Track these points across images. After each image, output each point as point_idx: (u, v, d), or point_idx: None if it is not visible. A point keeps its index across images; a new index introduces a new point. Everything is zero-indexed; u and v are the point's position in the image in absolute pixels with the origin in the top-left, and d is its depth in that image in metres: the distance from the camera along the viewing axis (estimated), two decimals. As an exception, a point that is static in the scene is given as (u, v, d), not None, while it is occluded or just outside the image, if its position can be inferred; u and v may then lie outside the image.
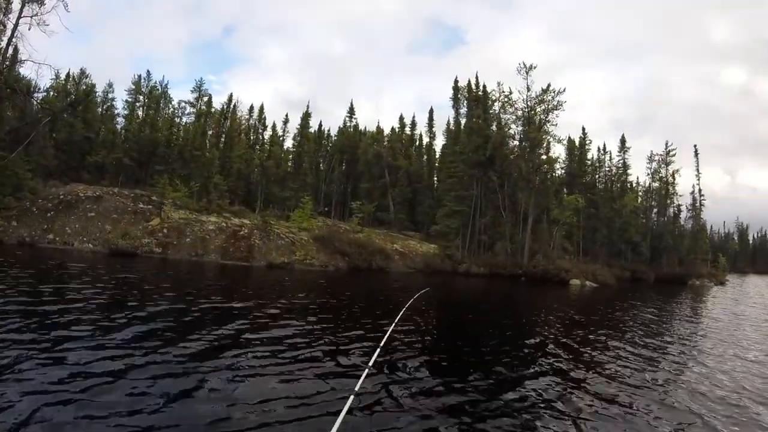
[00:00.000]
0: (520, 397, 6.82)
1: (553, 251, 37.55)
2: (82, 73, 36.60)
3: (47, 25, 32.03)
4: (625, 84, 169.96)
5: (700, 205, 57.22)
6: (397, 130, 54.94)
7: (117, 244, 24.83)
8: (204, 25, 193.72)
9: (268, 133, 51.34)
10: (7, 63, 31.77)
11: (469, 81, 42.42)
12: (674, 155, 54.25)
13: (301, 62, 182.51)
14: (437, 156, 51.35)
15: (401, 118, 55.11)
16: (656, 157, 54.49)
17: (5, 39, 31.70)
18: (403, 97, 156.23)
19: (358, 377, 4.55)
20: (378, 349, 5.85)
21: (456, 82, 45.25)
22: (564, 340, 11.65)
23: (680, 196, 55.64)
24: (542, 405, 6.49)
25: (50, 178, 30.93)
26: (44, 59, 39.29)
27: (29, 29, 32.14)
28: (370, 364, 5.28)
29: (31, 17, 32.16)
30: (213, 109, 42.05)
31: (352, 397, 3.23)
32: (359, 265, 28.81)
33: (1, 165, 27.45)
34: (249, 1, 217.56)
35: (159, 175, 32.33)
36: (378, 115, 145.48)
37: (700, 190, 57.00)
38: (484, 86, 40.81)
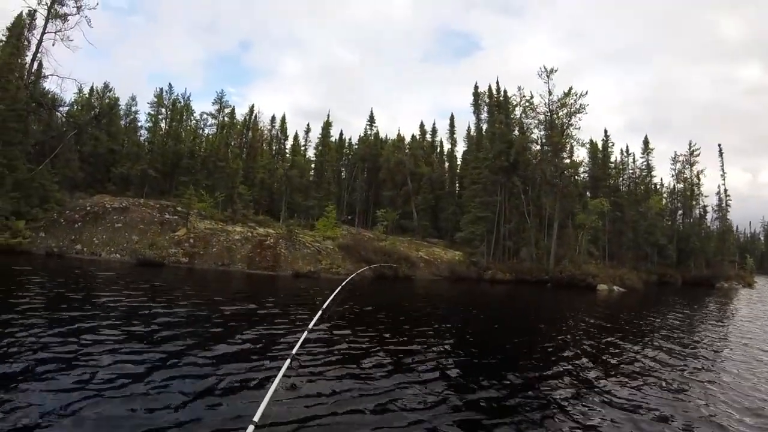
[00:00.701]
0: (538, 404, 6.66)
1: (579, 256, 36.80)
2: (106, 86, 37.24)
3: (71, 40, 32.70)
4: (637, 86, 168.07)
5: (726, 205, 55.83)
6: (417, 137, 54.76)
7: (144, 254, 24.85)
8: (220, 42, 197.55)
9: (289, 143, 51.49)
10: (32, 78, 32.36)
11: (490, 86, 42.14)
12: (698, 155, 53.19)
13: (316, 74, 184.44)
14: (458, 162, 50.87)
15: (421, 125, 55.26)
16: (680, 158, 53.45)
17: (30, 54, 32.45)
18: (418, 106, 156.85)
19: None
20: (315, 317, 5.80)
21: (476, 87, 44.98)
22: (597, 348, 11.27)
23: (705, 196, 54.40)
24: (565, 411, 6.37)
25: (76, 190, 31.22)
26: (69, 74, 40.15)
27: (53, 45, 32.81)
28: (310, 326, 5.42)
29: (55, 33, 32.91)
30: (235, 120, 42.30)
31: (288, 360, 3.43)
32: (385, 273, 28.44)
33: (29, 177, 27.82)
34: (262, 18, 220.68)
35: (183, 186, 32.52)
36: (394, 123, 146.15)
37: (725, 190, 55.62)
38: (505, 91, 40.46)
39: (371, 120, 55.39)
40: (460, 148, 53.25)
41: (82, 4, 33.17)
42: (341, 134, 57.06)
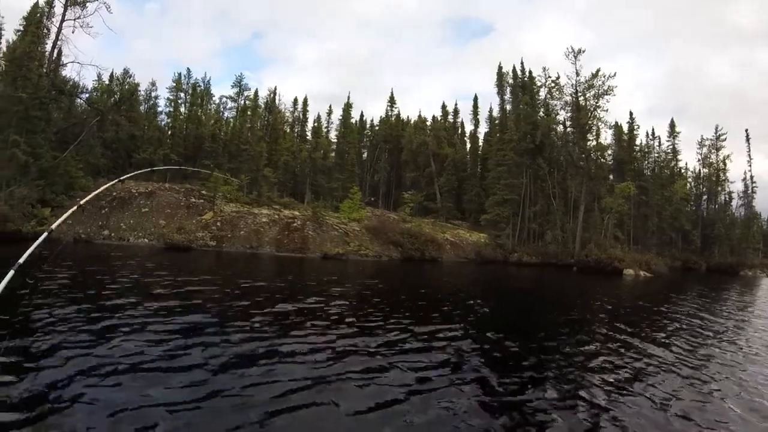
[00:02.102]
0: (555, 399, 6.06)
1: (605, 240, 36.15)
2: (126, 72, 37.17)
3: (91, 27, 32.59)
4: (657, 70, 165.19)
5: (752, 192, 54.42)
6: (438, 118, 54.07)
7: (172, 238, 24.70)
8: (234, 30, 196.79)
9: (309, 125, 51.46)
10: (53, 65, 32.29)
11: (514, 67, 41.36)
12: (725, 140, 51.96)
13: (330, 60, 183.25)
14: (480, 144, 50.18)
15: (443, 106, 54.31)
16: (706, 142, 52.23)
17: (49, 42, 32.37)
18: (435, 89, 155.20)
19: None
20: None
21: (500, 68, 44.02)
22: (631, 335, 10.39)
23: (731, 182, 53.17)
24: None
25: (99, 176, 31.17)
26: (90, 60, 40.29)
27: (73, 32, 32.72)
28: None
29: (74, 20, 32.80)
30: (258, 103, 42.09)
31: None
32: (412, 255, 28.17)
33: (53, 165, 27.81)
34: (275, 5, 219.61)
35: (207, 170, 32.36)
36: (410, 107, 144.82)
37: (752, 177, 54.14)
38: (530, 72, 39.66)
39: (392, 101, 54.83)
40: (482, 130, 52.71)
41: (100, -9, 33.10)
42: (362, 116, 56.76)
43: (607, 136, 43.29)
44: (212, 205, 27.40)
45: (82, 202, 4.78)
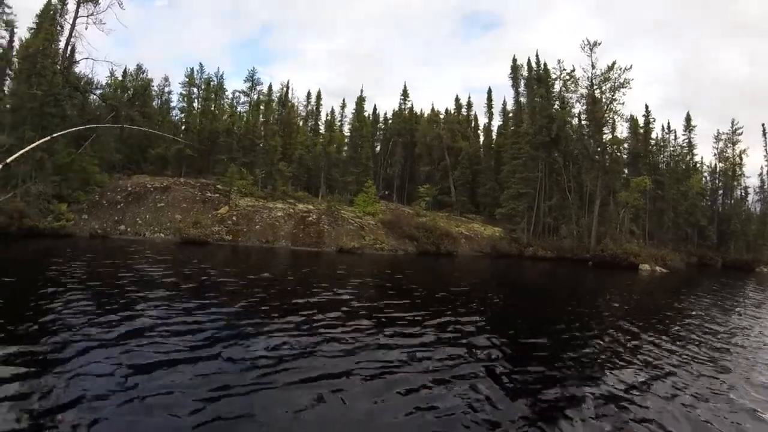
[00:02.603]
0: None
1: (620, 235, 35.73)
2: (139, 68, 37.21)
3: (104, 23, 32.72)
4: (667, 62, 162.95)
5: (768, 187, 53.60)
6: (452, 111, 53.57)
7: (189, 233, 24.66)
8: (242, 25, 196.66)
9: (322, 119, 51.19)
10: (66, 62, 32.39)
11: (529, 60, 40.72)
12: (741, 134, 51.08)
13: (339, 54, 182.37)
14: (494, 137, 49.80)
15: (457, 99, 53.85)
16: (722, 136, 51.43)
17: (63, 39, 32.48)
18: (446, 82, 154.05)
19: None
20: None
21: (514, 61, 43.37)
22: (652, 333, 10.09)
23: (747, 177, 52.35)
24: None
25: (113, 172, 31.27)
26: (104, 57, 40.47)
27: (86, 28, 32.88)
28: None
29: (87, 16, 32.93)
30: (272, 98, 42.01)
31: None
32: (428, 249, 28.00)
33: (68, 161, 27.90)
34: (283, 1, 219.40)
35: (220, 164, 32.38)
36: (423, 99, 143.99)
37: (768, 172, 53.29)
38: (545, 64, 39.19)
39: (405, 94, 54.26)
40: (495, 123, 52.33)
41: (113, -13, 33.18)
42: (374, 109, 56.37)
43: (623, 130, 42.84)
44: (228, 199, 27.36)
45: (9, 160, 4.66)
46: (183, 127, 39.06)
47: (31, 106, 26.00)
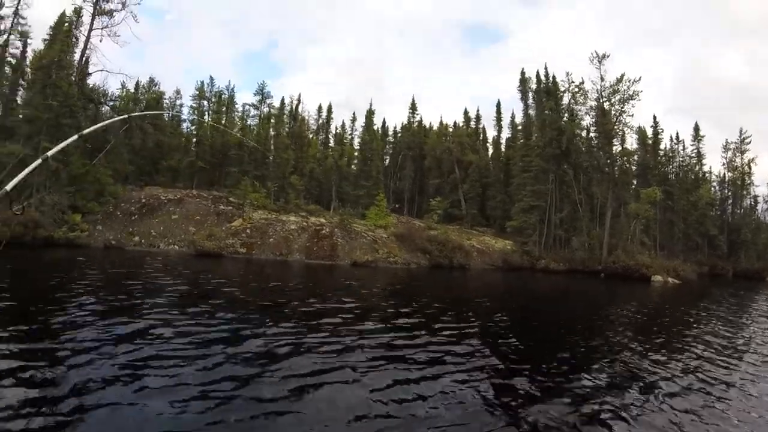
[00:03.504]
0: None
1: (632, 246, 35.61)
2: (151, 81, 37.62)
3: (118, 36, 32.97)
4: (669, 67, 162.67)
5: (777, 196, 53.37)
6: (460, 124, 53.95)
7: (203, 245, 24.73)
8: (248, 39, 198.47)
9: (331, 133, 51.78)
10: (79, 74, 32.64)
11: (537, 72, 40.80)
12: (749, 143, 51.02)
13: (344, 67, 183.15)
14: (502, 149, 49.87)
15: (465, 112, 54.09)
16: (731, 146, 51.36)
17: (77, 51, 32.76)
18: (452, 93, 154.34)
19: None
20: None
21: (522, 74, 43.54)
22: (668, 346, 10.03)
23: (756, 186, 52.18)
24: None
25: (126, 183, 31.46)
26: (119, 69, 40.85)
27: (100, 41, 33.13)
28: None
29: (102, 29, 33.20)
30: (284, 111, 42.24)
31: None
32: (440, 262, 28.00)
33: (83, 172, 28.08)
34: (288, 15, 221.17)
35: (232, 177, 32.53)
36: (430, 112, 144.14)
37: (776, 181, 53.06)
38: (554, 77, 39.25)
39: (413, 108, 54.59)
40: (504, 135, 52.45)
41: (127, 0, 33.51)
42: (384, 123, 56.62)
43: (632, 141, 42.82)
44: (241, 212, 27.45)
45: (8, 188, 4.74)
46: (194, 140, 39.32)
47: (47, 116, 26.19)
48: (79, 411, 4.59)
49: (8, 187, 2.91)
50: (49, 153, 4.61)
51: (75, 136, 4.89)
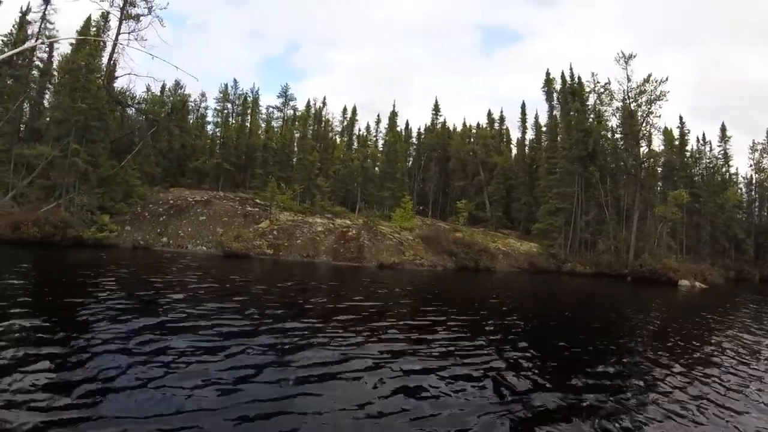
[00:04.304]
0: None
1: (658, 249, 35.03)
2: (177, 84, 38.08)
3: (145, 40, 33.41)
4: (687, 68, 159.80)
5: (804, 197, 51.95)
6: (483, 125, 53.54)
7: (231, 246, 24.85)
8: (268, 44, 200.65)
9: (355, 134, 51.90)
10: (107, 78, 33.13)
11: (563, 73, 40.35)
12: (776, 142, 49.82)
13: (363, 69, 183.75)
14: (526, 151, 49.55)
15: (489, 114, 53.71)
16: (758, 147, 50.26)
17: (105, 55, 33.28)
18: (473, 94, 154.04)
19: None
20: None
21: (548, 74, 43.03)
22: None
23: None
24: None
25: (153, 184, 31.83)
26: (141, 72, 41.46)
27: (128, 44, 33.57)
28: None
29: (128, 33, 33.71)
30: (309, 113, 42.45)
31: None
32: (466, 264, 27.83)
33: (112, 173, 28.49)
34: (307, 19, 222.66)
35: (258, 178, 32.73)
36: (452, 113, 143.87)
37: (806, 181, 51.67)
38: (579, 78, 38.83)
39: (436, 109, 54.41)
40: (528, 137, 52.16)
41: (153, 4, 34.00)
42: (407, 124, 56.29)
43: (659, 143, 42.17)
44: (268, 213, 27.56)
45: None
46: (219, 142, 39.71)
47: (76, 119, 26.52)
48: (100, 393, 5.06)
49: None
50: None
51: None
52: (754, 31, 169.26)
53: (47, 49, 34.53)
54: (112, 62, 33.31)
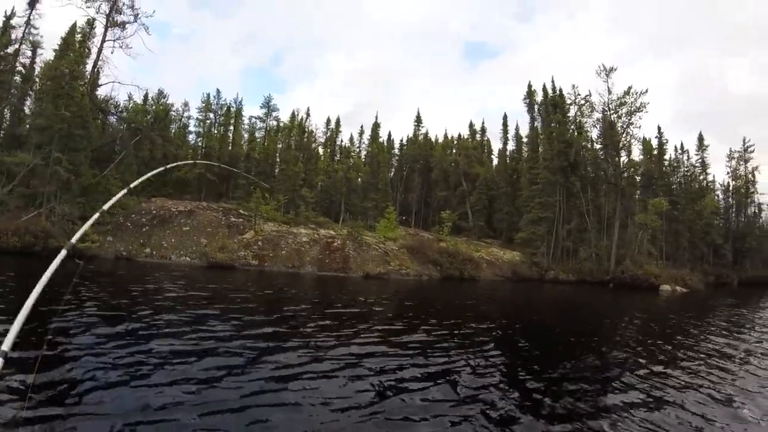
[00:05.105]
0: None
1: (639, 256, 35.78)
2: (161, 93, 37.67)
3: (130, 47, 33.19)
4: (667, 78, 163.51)
5: (783, 203, 53.53)
6: (465, 136, 54.23)
7: (215, 257, 24.74)
8: (254, 54, 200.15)
9: (338, 145, 52.03)
10: (91, 85, 32.78)
11: (544, 85, 41.04)
12: (753, 151, 51.37)
13: (348, 81, 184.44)
14: (507, 161, 50.11)
15: (471, 125, 54.56)
16: (735, 154, 51.69)
17: (89, 62, 32.91)
18: (455, 105, 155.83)
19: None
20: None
21: (529, 86, 43.77)
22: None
23: (761, 194, 52.44)
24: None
25: (134, 194, 31.40)
26: (132, 80, 41.04)
27: (112, 52, 33.37)
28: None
29: (114, 41, 33.47)
30: (290, 123, 42.30)
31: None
32: (451, 274, 28.10)
33: (94, 182, 28.18)
34: (293, 29, 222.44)
35: (240, 189, 32.57)
36: (433, 124, 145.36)
37: (780, 188, 53.31)
38: (560, 90, 39.57)
39: (418, 121, 54.97)
40: (509, 148, 52.70)
41: (139, 12, 33.82)
42: (389, 135, 56.78)
43: (638, 152, 43.12)
44: (252, 224, 27.50)
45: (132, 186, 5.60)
46: (202, 152, 39.46)
47: (59, 126, 26.15)
48: (84, 392, 5.36)
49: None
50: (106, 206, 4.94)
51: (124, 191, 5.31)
52: (735, 42, 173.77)
53: (30, 54, 34.16)
54: (96, 69, 32.98)
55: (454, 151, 50.76)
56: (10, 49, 32.41)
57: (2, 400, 4.81)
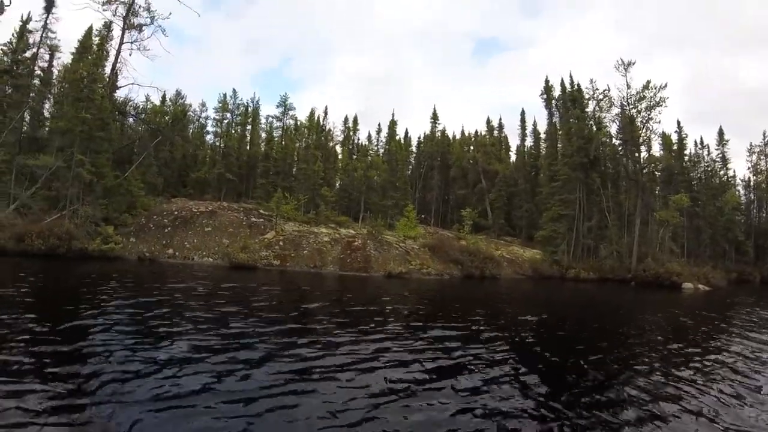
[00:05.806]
0: None
1: (661, 254, 35.25)
2: (178, 94, 38.00)
3: (148, 50, 33.35)
4: (681, 74, 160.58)
5: (803, 198, 52.46)
6: (482, 133, 53.96)
7: (238, 257, 24.78)
8: (267, 54, 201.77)
9: (355, 143, 52.08)
10: (110, 87, 32.99)
11: (562, 80, 40.55)
12: (775, 145, 50.33)
13: (363, 80, 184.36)
14: (526, 158, 49.75)
15: (488, 121, 54.19)
16: (755, 149, 50.71)
17: (108, 64, 33.14)
18: (469, 102, 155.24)
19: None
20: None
21: (547, 81, 43.24)
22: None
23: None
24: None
25: (155, 195, 31.69)
26: (150, 82, 41.36)
27: (130, 54, 33.52)
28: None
29: (131, 43, 33.62)
30: (305, 123, 42.42)
31: None
32: (472, 272, 27.94)
33: (116, 184, 28.36)
34: (305, 31, 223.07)
35: (260, 188, 32.65)
36: (450, 121, 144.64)
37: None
38: (578, 84, 39.08)
39: (435, 117, 54.37)
40: (527, 143, 52.40)
41: (155, 14, 33.95)
42: (406, 133, 56.45)
43: (658, 147, 42.53)
44: (273, 224, 27.54)
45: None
46: (221, 152, 39.71)
47: (80, 129, 26.34)
48: (115, 381, 5.75)
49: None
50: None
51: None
52: (748, 37, 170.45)
53: (48, 58, 34.48)
54: (114, 72, 33.20)
55: (471, 148, 50.41)
56: (28, 53, 32.73)
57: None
